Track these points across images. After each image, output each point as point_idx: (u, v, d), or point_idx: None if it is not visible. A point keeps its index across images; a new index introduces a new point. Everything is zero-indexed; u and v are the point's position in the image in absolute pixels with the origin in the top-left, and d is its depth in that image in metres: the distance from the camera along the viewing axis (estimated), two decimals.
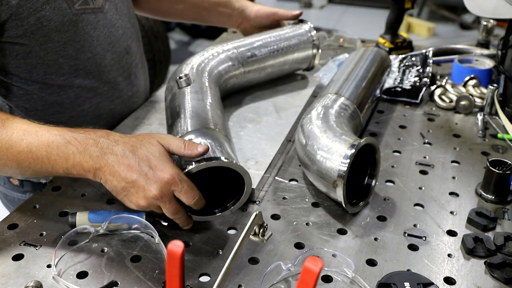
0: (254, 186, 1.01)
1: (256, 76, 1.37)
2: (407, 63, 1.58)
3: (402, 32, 1.81)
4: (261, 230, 0.87)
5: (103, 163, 0.86)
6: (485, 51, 1.68)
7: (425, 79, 1.51)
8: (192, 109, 1.04)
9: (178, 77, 1.13)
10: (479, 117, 1.35)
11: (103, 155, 0.86)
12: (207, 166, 0.87)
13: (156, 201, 0.86)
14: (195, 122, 0.99)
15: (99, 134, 0.89)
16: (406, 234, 0.96)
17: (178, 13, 1.53)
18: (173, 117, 1.05)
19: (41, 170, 0.91)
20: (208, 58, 1.26)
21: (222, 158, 0.88)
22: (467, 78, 1.47)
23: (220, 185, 0.96)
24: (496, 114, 1.35)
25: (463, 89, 1.46)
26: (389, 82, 1.51)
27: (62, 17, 1.06)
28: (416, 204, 1.04)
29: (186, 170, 0.87)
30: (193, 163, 0.87)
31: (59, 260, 0.87)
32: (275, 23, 1.47)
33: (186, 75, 1.13)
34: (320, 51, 1.43)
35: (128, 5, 1.29)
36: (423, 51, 1.60)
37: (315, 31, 1.42)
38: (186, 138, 0.94)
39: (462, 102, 1.40)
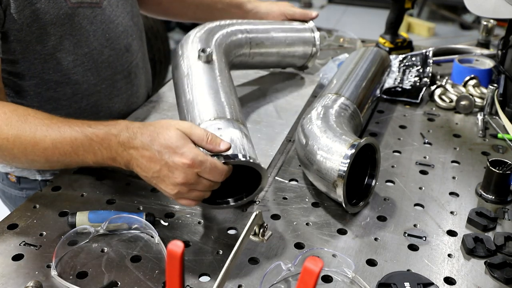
0: None
1: (259, 61, 1.36)
2: (407, 63, 1.58)
3: (402, 32, 1.80)
4: (261, 230, 0.87)
5: (128, 157, 0.88)
6: (485, 51, 1.68)
7: (425, 79, 1.51)
8: (212, 94, 1.02)
9: (201, 50, 1.10)
10: (479, 117, 1.35)
11: (126, 150, 0.88)
12: (235, 163, 0.88)
13: (183, 187, 0.86)
14: (216, 109, 0.98)
15: (119, 128, 0.89)
16: (406, 234, 0.96)
17: (190, 13, 1.52)
18: (191, 95, 1.04)
19: (71, 163, 0.93)
20: (221, 25, 1.24)
21: (240, 156, 0.89)
22: (467, 78, 1.46)
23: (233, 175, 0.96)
24: (496, 114, 1.35)
25: (463, 89, 1.46)
26: (389, 82, 1.51)
27: (58, 10, 1.06)
28: (416, 204, 1.04)
29: None
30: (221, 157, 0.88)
31: (59, 260, 0.87)
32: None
33: (209, 51, 1.10)
34: (318, 53, 1.43)
35: (132, 3, 1.29)
36: (423, 51, 1.60)
37: (318, 33, 1.42)
38: (209, 126, 0.95)
39: (462, 102, 1.40)
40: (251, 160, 0.90)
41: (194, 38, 1.19)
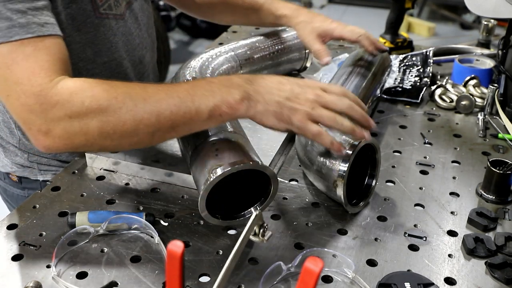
0: None
1: None
2: (407, 63, 1.58)
3: (403, 32, 1.80)
4: (261, 230, 0.87)
5: (251, 90, 0.85)
6: (486, 51, 1.67)
7: (426, 79, 1.50)
8: None
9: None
10: (480, 117, 1.34)
11: (249, 83, 0.86)
12: (240, 169, 0.86)
13: (315, 103, 0.87)
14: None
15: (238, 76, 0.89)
16: (407, 234, 0.96)
17: (229, 20, 1.51)
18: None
19: (184, 117, 0.84)
20: (208, 60, 1.25)
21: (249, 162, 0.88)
22: (468, 78, 1.46)
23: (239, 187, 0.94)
24: (497, 114, 1.35)
25: (463, 89, 1.46)
26: (389, 82, 1.50)
27: (85, 18, 1.06)
28: (416, 204, 1.04)
29: (216, 174, 0.84)
30: (222, 167, 0.85)
31: (58, 260, 0.87)
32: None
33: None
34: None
35: (149, 15, 1.29)
36: (424, 51, 1.60)
37: None
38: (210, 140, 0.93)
39: (463, 102, 1.40)
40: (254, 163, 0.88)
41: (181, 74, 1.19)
